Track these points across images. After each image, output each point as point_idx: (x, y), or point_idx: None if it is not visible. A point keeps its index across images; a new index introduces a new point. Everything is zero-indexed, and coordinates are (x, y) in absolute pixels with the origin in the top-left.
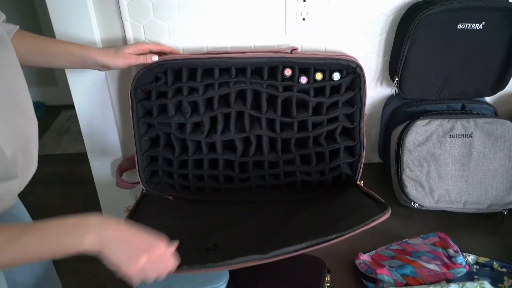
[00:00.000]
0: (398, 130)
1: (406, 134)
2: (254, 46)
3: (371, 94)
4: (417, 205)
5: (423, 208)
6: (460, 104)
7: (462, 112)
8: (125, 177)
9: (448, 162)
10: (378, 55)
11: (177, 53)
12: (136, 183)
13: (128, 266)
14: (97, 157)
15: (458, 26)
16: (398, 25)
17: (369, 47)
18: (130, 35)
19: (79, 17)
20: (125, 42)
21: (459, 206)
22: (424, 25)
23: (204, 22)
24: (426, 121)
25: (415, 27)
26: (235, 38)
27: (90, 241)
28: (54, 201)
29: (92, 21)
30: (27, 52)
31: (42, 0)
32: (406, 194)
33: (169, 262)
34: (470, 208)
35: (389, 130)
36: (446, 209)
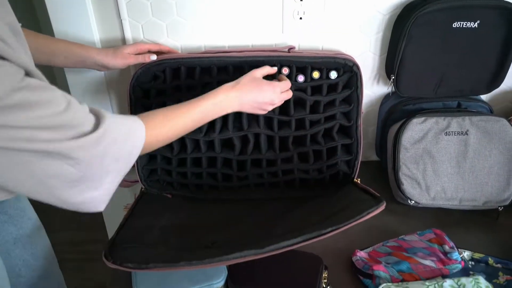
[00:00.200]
0: (394, 128)
1: (402, 132)
2: (252, 45)
3: (368, 92)
4: (413, 202)
5: (420, 205)
6: (456, 102)
7: (458, 110)
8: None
9: (444, 160)
10: (375, 54)
11: (175, 52)
12: (135, 182)
13: (259, 112)
14: None
15: (454, 25)
16: (394, 23)
17: (365, 46)
18: (128, 35)
19: (78, 16)
20: (124, 41)
21: (455, 203)
22: (420, 23)
23: (202, 22)
24: (422, 119)
25: (411, 26)
26: (233, 37)
27: (233, 109)
28: None
29: (91, 20)
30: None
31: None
32: (402, 192)
33: (283, 95)
34: (466, 205)
35: (386, 128)
36: (442, 206)
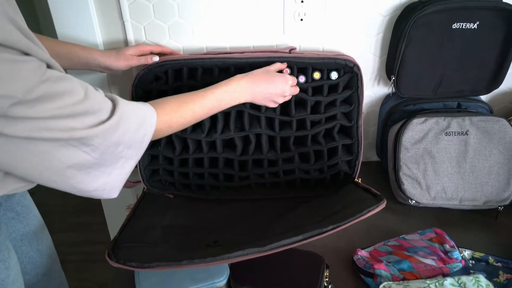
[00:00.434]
0: (395, 129)
1: (403, 132)
2: (253, 46)
3: (369, 93)
4: (414, 202)
5: (420, 205)
6: (456, 102)
7: (458, 110)
8: None
9: (444, 160)
10: (375, 55)
11: (177, 54)
12: (137, 182)
13: (270, 104)
14: None
15: (453, 26)
16: (394, 25)
17: (366, 47)
18: (131, 36)
19: (81, 18)
20: (126, 43)
21: (455, 203)
22: (419, 24)
23: (203, 23)
24: (422, 119)
25: (411, 27)
26: (235, 38)
27: (245, 99)
28: (55, 200)
29: (93, 22)
30: None
31: (42, 0)
32: (403, 191)
33: (292, 89)
34: (466, 204)
35: (386, 128)
36: (443, 205)
